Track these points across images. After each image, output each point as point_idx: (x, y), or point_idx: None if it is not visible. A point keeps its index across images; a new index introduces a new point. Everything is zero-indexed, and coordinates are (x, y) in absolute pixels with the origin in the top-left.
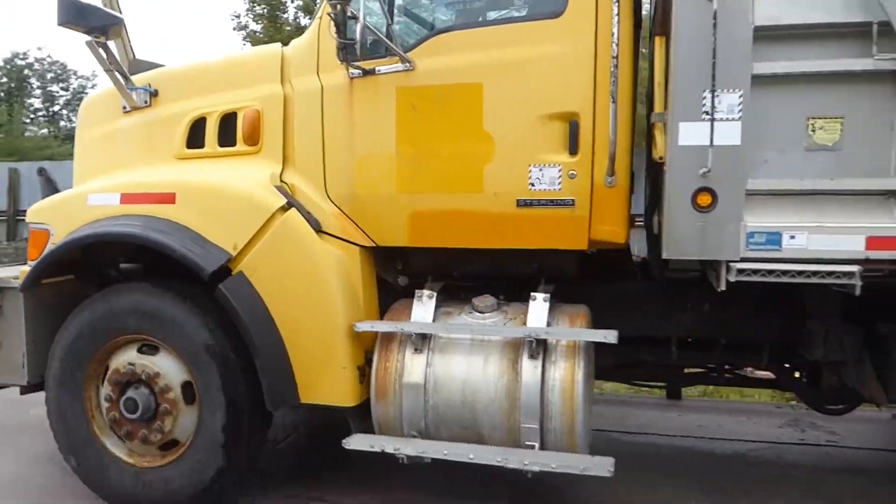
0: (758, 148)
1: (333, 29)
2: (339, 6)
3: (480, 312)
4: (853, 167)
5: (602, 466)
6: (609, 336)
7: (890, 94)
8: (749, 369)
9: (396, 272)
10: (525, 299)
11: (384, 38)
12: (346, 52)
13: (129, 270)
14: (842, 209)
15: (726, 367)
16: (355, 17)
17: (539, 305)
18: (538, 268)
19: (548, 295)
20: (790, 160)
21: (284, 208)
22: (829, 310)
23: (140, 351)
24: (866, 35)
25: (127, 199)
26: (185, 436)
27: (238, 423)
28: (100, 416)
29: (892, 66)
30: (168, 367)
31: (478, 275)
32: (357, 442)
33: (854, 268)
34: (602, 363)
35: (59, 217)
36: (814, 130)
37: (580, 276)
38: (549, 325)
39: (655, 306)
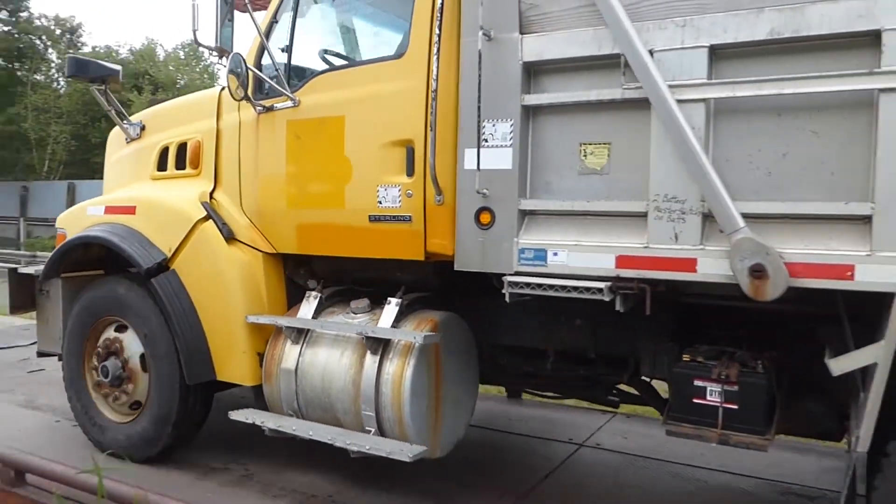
0: (540, 171)
1: (232, 81)
2: (237, 66)
3: (354, 313)
4: (619, 190)
5: (404, 453)
6: (417, 338)
7: (643, 120)
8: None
9: (304, 276)
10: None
11: (272, 83)
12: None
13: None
14: (600, 229)
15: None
16: (249, 69)
17: (391, 309)
18: (414, 277)
19: (399, 300)
20: (568, 183)
21: (204, 220)
22: (657, 329)
23: (116, 330)
24: (617, 66)
25: (108, 210)
26: (144, 398)
27: (184, 392)
28: (91, 381)
29: (637, 94)
30: (130, 342)
31: (364, 281)
32: (238, 414)
33: (603, 284)
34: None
35: (70, 223)
36: (585, 156)
37: (460, 289)
38: (394, 326)
39: (530, 320)
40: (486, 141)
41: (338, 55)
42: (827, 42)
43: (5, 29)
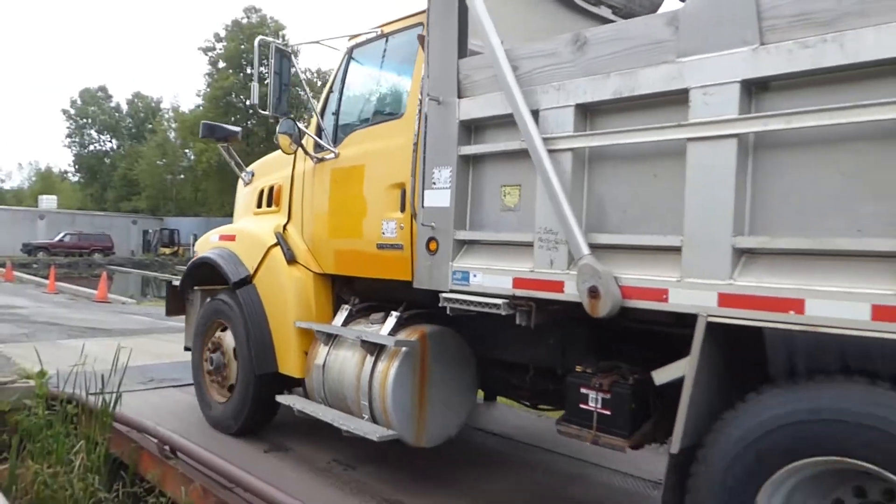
0: (475, 208)
1: (283, 140)
2: (290, 129)
3: (371, 323)
4: (522, 224)
5: (375, 434)
6: (383, 339)
7: (533, 166)
8: None
9: (347, 292)
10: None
11: (319, 141)
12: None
13: None
14: (505, 256)
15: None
16: (303, 131)
17: (390, 321)
18: (419, 296)
19: (399, 314)
20: (492, 218)
21: (274, 245)
22: (577, 346)
23: (221, 331)
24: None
25: (221, 237)
26: (235, 383)
27: (257, 382)
28: (204, 369)
29: (515, 147)
30: (228, 340)
31: (389, 298)
32: (282, 398)
33: (502, 301)
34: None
35: (201, 246)
36: (504, 196)
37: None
38: (391, 335)
39: (514, 338)
40: (434, 183)
41: (366, 118)
42: (653, 99)
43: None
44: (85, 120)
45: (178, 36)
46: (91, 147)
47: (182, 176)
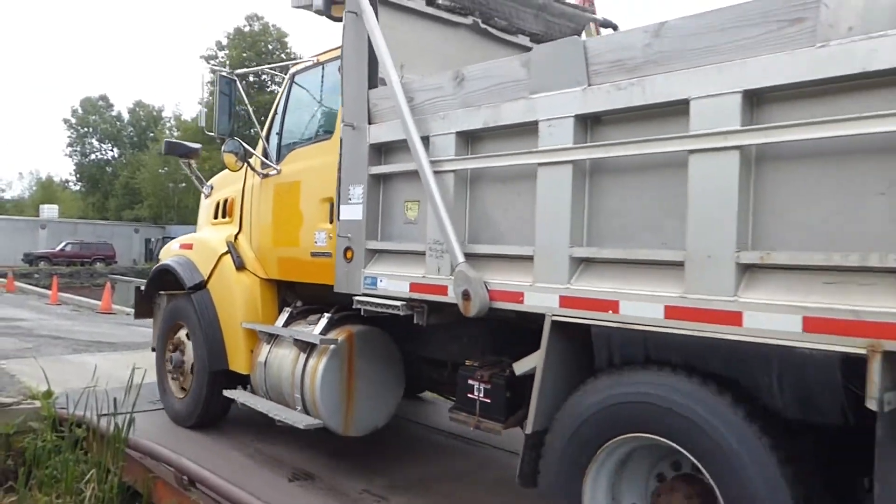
0: (385, 221)
1: (229, 158)
2: (236, 148)
3: (308, 324)
4: (420, 235)
5: (301, 423)
6: (311, 337)
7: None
8: None
9: (292, 297)
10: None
11: (263, 159)
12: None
13: None
14: (405, 263)
15: None
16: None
17: (323, 321)
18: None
19: (330, 315)
20: (398, 230)
21: (225, 253)
22: (482, 343)
23: (181, 331)
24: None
25: (181, 246)
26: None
27: (210, 378)
28: (166, 368)
29: (413, 167)
30: (186, 340)
31: (327, 302)
32: (229, 392)
33: (400, 303)
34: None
35: (165, 254)
36: (407, 210)
37: None
38: (323, 334)
39: (436, 337)
40: (350, 199)
41: (304, 138)
42: (514, 129)
43: None
44: (86, 129)
45: (179, 44)
46: (92, 156)
47: (184, 184)
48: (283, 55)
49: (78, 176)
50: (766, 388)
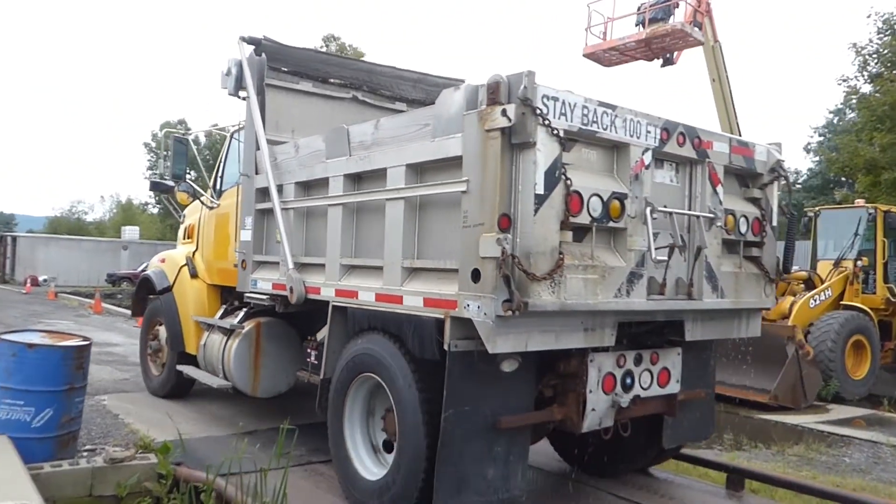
0: (268, 241)
1: (182, 196)
2: (188, 189)
3: (234, 317)
4: (278, 251)
5: (214, 382)
6: (229, 325)
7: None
8: None
9: (230, 298)
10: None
11: (203, 194)
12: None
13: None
14: (271, 270)
15: None
16: (197, 191)
17: (240, 313)
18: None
19: (246, 309)
20: (273, 247)
21: (184, 265)
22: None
23: (159, 325)
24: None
25: (159, 260)
26: (165, 360)
27: (175, 358)
28: (147, 352)
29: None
30: (162, 331)
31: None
32: (181, 367)
33: (266, 297)
34: None
35: (150, 266)
36: (277, 234)
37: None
38: (240, 323)
39: (310, 322)
40: (245, 226)
41: (233, 182)
42: (319, 182)
43: None
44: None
45: None
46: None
47: None
48: None
49: (157, 199)
50: (409, 338)
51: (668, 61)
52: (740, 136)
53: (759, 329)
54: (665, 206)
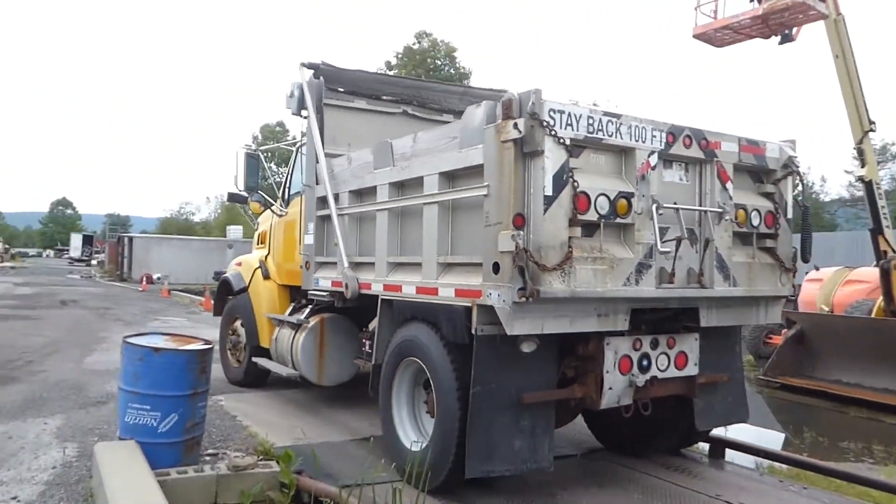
0: (328, 244)
1: (255, 206)
2: (260, 199)
3: (301, 313)
4: (336, 252)
5: (285, 372)
6: (297, 320)
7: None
8: None
9: (299, 296)
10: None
11: (273, 203)
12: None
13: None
14: (331, 270)
15: None
16: (268, 201)
17: (306, 310)
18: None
19: (311, 306)
20: (331, 249)
21: (258, 268)
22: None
23: (237, 321)
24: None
25: (235, 264)
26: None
27: (251, 351)
28: (227, 346)
29: (328, 212)
30: (240, 327)
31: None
32: (256, 359)
33: (327, 293)
34: None
35: (228, 269)
36: (336, 238)
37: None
38: (306, 318)
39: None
40: (308, 231)
41: (299, 191)
42: (369, 190)
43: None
44: (266, 154)
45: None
46: (270, 179)
47: None
48: (451, 70)
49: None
50: (444, 325)
51: (787, 38)
52: (868, 114)
53: (780, 316)
54: (676, 203)
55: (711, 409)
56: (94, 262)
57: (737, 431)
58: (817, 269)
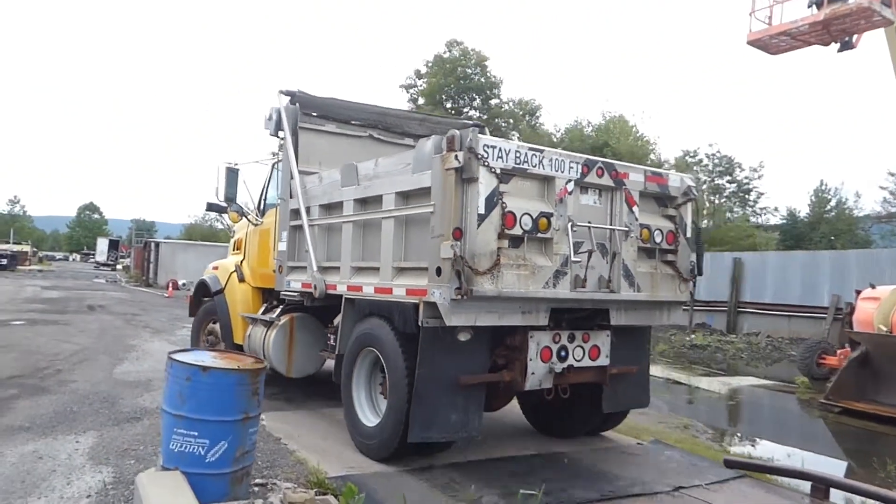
0: (299, 251)
1: (233, 216)
2: (238, 209)
3: (273, 312)
4: (306, 258)
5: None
6: (268, 318)
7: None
8: None
9: (271, 297)
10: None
11: (249, 213)
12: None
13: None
14: (301, 273)
15: None
16: (245, 210)
17: (277, 310)
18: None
19: (282, 306)
20: (302, 255)
21: (233, 272)
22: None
23: (213, 322)
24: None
25: (212, 267)
26: None
27: (226, 348)
28: (203, 343)
29: (300, 222)
30: (216, 327)
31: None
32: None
33: (297, 293)
34: None
35: (205, 273)
36: (307, 247)
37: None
38: (277, 318)
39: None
40: (281, 239)
41: (273, 203)
42: (336, 205)
43: (480, 116)
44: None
45: (381, 76)
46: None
47: None
48: (482, 79)
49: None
50: (396, 319)
51: (847, 45)
52: None
53: (681, 318)
54: (589, 222)
55: (617, 395)
56: (119, 266)
57: (811, 462)
58: (873, 286)
